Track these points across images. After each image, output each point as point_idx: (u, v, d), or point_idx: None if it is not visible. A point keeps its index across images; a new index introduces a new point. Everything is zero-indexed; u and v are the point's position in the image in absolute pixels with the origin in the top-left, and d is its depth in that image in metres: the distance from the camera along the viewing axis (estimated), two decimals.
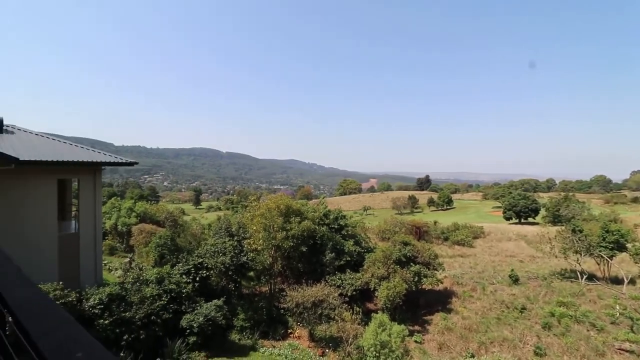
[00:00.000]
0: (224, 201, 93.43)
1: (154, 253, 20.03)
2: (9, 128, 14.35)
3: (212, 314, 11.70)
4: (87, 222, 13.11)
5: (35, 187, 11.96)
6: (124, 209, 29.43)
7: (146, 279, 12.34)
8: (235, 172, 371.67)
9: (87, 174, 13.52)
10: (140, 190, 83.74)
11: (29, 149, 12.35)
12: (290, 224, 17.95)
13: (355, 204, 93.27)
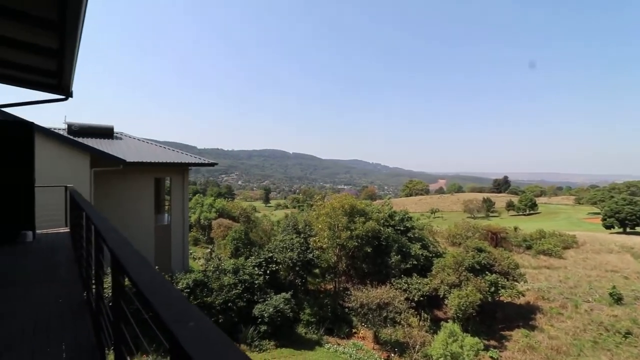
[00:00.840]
0: (290, 200, 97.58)
1: (230, 245, 21.92)
2: (118, 135, 17.11)
3: (280, 306, 12.38)
4: (177, 215, 14.96)
5: (137, 184, 14.07)
6: (205, 204, 32.86)
7: (224, 268, 13.60)
8: (301, 172, 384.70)
9: (177, 173, 15.41)
10: (219, 188, 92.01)
11: (133, 152, 14.58)
12: (355, 224, 17.98)
13: (421, 206, 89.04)
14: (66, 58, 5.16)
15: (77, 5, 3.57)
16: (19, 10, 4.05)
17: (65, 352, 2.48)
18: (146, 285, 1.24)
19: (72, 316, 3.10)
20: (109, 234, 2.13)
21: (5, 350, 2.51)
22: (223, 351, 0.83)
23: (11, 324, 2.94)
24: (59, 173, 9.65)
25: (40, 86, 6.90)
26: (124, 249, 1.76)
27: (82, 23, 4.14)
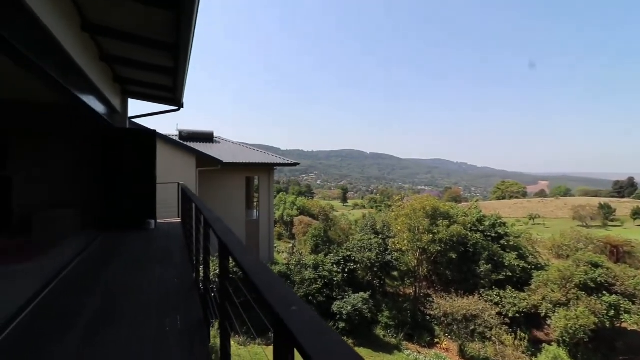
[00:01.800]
0: (368, 200, 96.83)
1: (310, 242, 22.85)
2: (217, 139, 19.36)
3: (359, 305, 12.40)
4: (264, 211, 16.23)
5: (231, 182, 15.71)
6: (288, 202, 34.99)
7: (305, 263, 14.26)
8: (379, 172, 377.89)
9: (265, 173, 16.71)
10: (299, 187, 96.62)
11: (228, 154, 16.33)
12: (438, 227, 16.90)
13: (517, 211, 78.51)
14: (179, 74, 6.07)
15: (187, 30, 4.17)
16: (147, 37, 4.92)
17: (180, 324, 2.92)
18: (251, 269, 1.38)
19: (185, 294, 3.63)
20: (217, 224, 2.43)
21: (135, 317, 3.08)
22: (324, 333, 0.87)
23: (141, 295, 3.60)
24: (172, 172, 11.40)
25: (160, 99, 8.26)
26: (230, 237, 1.99)
27: (192, 44, 4.82)
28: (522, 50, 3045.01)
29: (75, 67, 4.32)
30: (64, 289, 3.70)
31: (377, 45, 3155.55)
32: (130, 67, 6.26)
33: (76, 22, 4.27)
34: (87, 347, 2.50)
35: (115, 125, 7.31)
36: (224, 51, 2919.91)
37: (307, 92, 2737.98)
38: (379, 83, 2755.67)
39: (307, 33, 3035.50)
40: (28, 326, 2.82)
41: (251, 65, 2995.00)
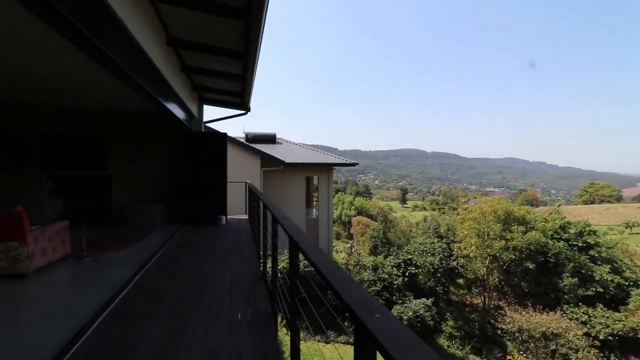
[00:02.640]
0: (429, 201, 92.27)
1: (369, 243, 22.57)
2: (279, 140, 20.19)
3: (420, 311, 11.86)
4: (323, 210, 16.47)
5: (292, 182, 16.24)
6: (346, 202, 35.08)
7: (364, 264, 14.11)
8: (441, 172, 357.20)
9: (324, 172, 16.95)
10: (357, 187, 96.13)
11: (290, 154, 16.91)
12: (512, 233, 15.36)
13: (610, 217, 67.44)
14: (247, 80, 6.45)
15: (255, 38, 4.39)
16: (220, 47, 5.31)
17: (251, 314, 3.08)
18: (326, 269, 1.37)
19: (253, 285, 3.84)
20: (286, 221, 2.51)
21: (211, 302, 3.33)
22: (416, 347, 0.81)
23: (215, 283, 3.90)
24: (240, 172, 12.19)
25: (229, 104, 8.89)
26: (300, 235, 2.03)
27: (259, 51, 5.07)
28: (621, 34, 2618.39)
29: (161, 79, 4.85)
30: (154, 273, 4.19)
31: (449, 33, 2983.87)
32: (205, 76, 6.84)
33: (162, 38, 4.79)
34: (174, 324, 2.79)
35: (193, 129, 8.06)
36: (287, 52, 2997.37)
37: (366, 91, 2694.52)
38: (445, 77, 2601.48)
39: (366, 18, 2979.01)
40: (128, 301, 3.25)
41: (312, 66, 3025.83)
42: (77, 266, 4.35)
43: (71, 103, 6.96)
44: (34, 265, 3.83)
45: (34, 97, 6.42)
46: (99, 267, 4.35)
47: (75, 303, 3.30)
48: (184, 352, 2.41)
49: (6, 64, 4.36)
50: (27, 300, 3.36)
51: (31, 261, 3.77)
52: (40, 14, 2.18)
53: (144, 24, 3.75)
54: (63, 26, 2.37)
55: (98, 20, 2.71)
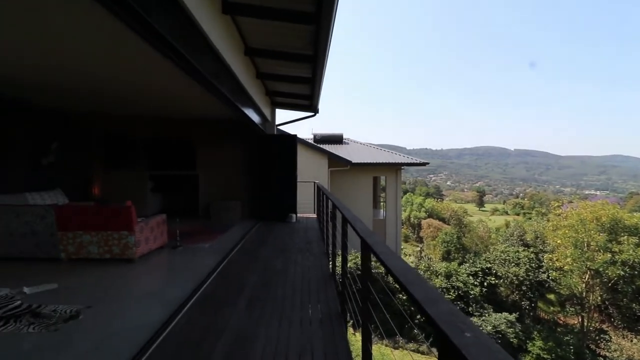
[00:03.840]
0: (511, 205, 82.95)
1: (441, 247, 21.27)
2: (346, 140, 20.28)
3: (502, 327, 10.74)
4: (391, 211, 16.04)
5: (359, 182, 16.16)
6: (415, 203, 33.61)
7: (435, 270, 13.33)
8: (527, 172, 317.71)
9: (391, 172, 16.50)
10: (427, 188, 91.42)
11: (357, 154, 16.86)
12: (620, 245, 12.93)
13: None
14: (316, 83, 6.60)
15: (325, 42, 4.46)
16: (291, 53, 5.53)
17: (321, 312, 3.14)
18: (403, 276, 1.31)
19: (323, 283, 3.91)
20: (357, 223, 2.49)
21: (284, 296, 3.48)
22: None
23: (287, 277, 4.08)
24: (308, 171, 12.58)
25: (299, 107, 9.22)
26: (372, 237, 1.99)
27: (328, 54, 5.14)
28: None
29: (240, 87, 5.26)
30: (234, 264, 4.57)
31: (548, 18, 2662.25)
32: (277, 81, 7.21)
33: (241, 49, 5.18)
34: (251, 313, 3.00)
35: (267, 132, 8.58)
36: (354, 53, 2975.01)
37: (437, 87, 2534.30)
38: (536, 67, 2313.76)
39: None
40: (213, 289, 3.60)
41: (378, 64, 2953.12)
42: (172, 254, 4.98)
43: (167, 113, 8.00)
44: (139, 251, 4.49)
45: (139, 110, 7.54)
46: (189, 256, 4.92)
47: (171, 286, 3.77)
48: (260, 340, 2.57)
49: (123, 85, 5.20)
50: (134, 281, 3.96)
51: (137, 248, 4.44)
52: (148, 39, 2.54)
53: (226, 37, 4.10)
54: (166, 48, 2.72)
55: (190, 39, 3.05)
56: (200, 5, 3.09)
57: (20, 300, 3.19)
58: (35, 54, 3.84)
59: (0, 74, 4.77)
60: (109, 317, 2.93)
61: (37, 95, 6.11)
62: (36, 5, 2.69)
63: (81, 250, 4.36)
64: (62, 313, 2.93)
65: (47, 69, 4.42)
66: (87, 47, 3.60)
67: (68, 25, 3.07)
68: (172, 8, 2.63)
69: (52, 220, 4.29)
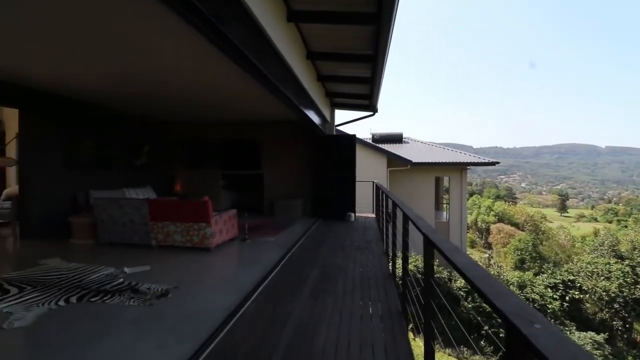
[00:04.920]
0: (601, 210, 71.84)
1: (513, 256, 19.40)
2: (406, 139, 19.68)
3: (587, 347, 9.43)
4: (455, 214, 15.16)
5: (420, 182, 15.57)
6: (483, 206, 31.14)
7: (506, 279, 12.23)
8: (621, 172, 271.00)
9: (456, 172, 15.58)
10: (497, 190, 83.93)
11: (417, 154, 16.26)
12: None
13: None
14: (376, 82, 6.57)
15: (385, 40, 4.44)
16: (350, 54, 5.60)
17: (381, 310, 3.16)
18: (470, 271, 1.30)
19: (383, 282, 3.91)
20: (419, 220, 2.48)
21: (344, 292, 3.57)
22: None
23: (347, 274, 4.16)
24: (367, 171, 12.52)
25: (357, 107, 9.25)
26: (435, 235, 1.98)
27: (388, 53, 5.10)
28: None
29: (303, 90, 5.50)
30: (296, 258, 4.82)
31: None
32: (336, 82, 7.35)
33: (303, 54, 5.41)
34: (314, 305, 3.15)
35: (326, 132, 8.79)
36: (415, 50, 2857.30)
37: (512, 80, 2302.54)
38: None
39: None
40: (278, 280, 3.86)
41: (442, 59, 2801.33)
42: (241, 246, 5.44)
43: (237, 118, 8.69)
44: (215, 242, 4.99)
45: (213, 116, 8.32)
46: (256, 248, 5.32)
47: (241, 275, 4.13)
48: (323, 331, 2.70)
49: (201, 94, 5.82)
50: (211, 268, 4.42)
51: (213, 239, 4.94)
52: (223, 49, 2.85)
53: (289, 43, 4.34)
54: (238, 57, 3.02)
55: (259, 47, 3.32)
56: (268, 15, 3.34)
57: (122, 278, 3.80)
58: (132, 72, 4.53)
59: (109, 92, 5.71)
60: (191, 297, 3.34)
61: (133, 107, 7.15)
62: (131, 30, 3.20)
63: (168, 238, 5.01)
64: (154, 291, 3.42)
65: (141, 84, 5.17)
66: (172, 62, 4.13)
67: (159, 46, 3.58)
68: (244, 19, 2.90)
69: (145, 212, 5.00)
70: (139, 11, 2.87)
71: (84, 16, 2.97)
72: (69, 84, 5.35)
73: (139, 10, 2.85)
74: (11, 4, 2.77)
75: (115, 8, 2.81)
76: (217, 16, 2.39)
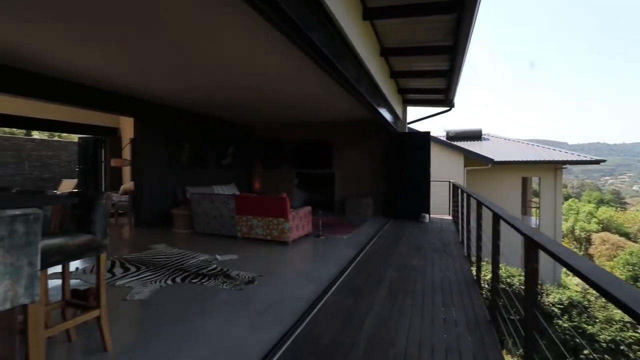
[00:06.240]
0: None
1: (623, 271, 16.32)
2: (486, 136, 18.03)
3: None
4: (547, 220, 13.38)
5: (503, 183, 14.11)
6: (582, 212, 26.82)
7: None
8: None
9: (547, 172, 13.75)
10: (600, 193, 71.59)
11: (500, 151, 14.76)
12: None
13: None
14: (454, 75, 6.17)
15: (467, 29, 4.14)
16: (427, 46, 5.35)
17: (466, 317, 2.96)
18: (599, 277, 1.13)
19: (465, 287, 3.66)
20: (515, 220, 2.25)
21: (424, 294, 3.43)
22: None
23: (425, 276, 3.99)
24: (441, 171, 11.82)
25: (431, 103, 8.79)
26: (541, 235, 1.78)
27: (469, 42, 4.74)
28: None
29: (376, 87, 5.44)
30: (370, 257, 4.80)
31: None
32: (410, 78, 7.09)
33: (377, 51, 5.35)
34: (392, 304, 3.10)
35: (398, 130, 8.55)
36: (499, 38, 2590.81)
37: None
38: None
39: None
40: (353, 277, 3.89)
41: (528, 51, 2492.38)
42: (315, 242, 5.63)
43: (310, 118, 9.02)
44: (292, 236, 5.26)
45: (288, 118, 8.77)
46: (330, 245, 5.45)
47: (318, 269, 4.27)
48: (403, 331, 2.64)
49: (282, 98, 6.20)
50: (289, 260, 4.67)
51: (290, 234, 5.21)
52: (309, 53, 2.99)
53: (365, 41, 4.33)
54: (322, 61, 3.14)
55: (338, 48, 3.39)
56: (346, 15, 3.39)
57: (215, 264, 4.24)
58: (227, 81, 5.04)
59: (204, 100, 6.44)
60: (274, 286, 3.57)
61: (222, 112, 7.95)
62: (231, 45, 3.55)
63: (251, 231, 5.45)
64: (243, 277, 3.75)
65: (232, 92, 5.72)
66: (262, 70, 4.48)
67: (252, 56, 3.92)
68: (326, 22, 2.99)
69: (232, 206, 5.52)
70: (244, 25, 3.21)
71: (194, 39, 3.43)
72: (174, 96, 6.22)
73: (243, 23, 3.18)
74: (150, 37, 3.36)
75: (221, 26, 3.20)
76: (304, 21, 2.52)
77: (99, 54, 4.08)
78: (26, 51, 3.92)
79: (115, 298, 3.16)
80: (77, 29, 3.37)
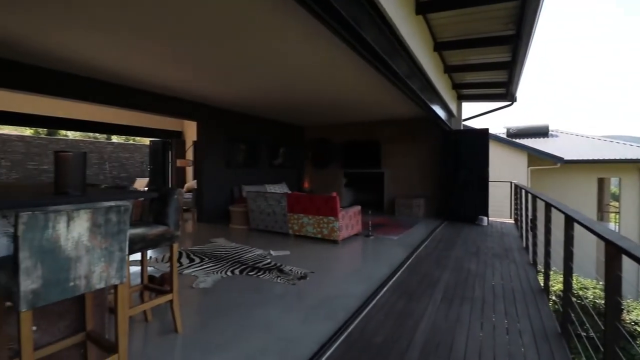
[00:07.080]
0: None
1: None
2: (553, 132, 16.33)
3: None
4: (630, 226, 11.73)
5: (574, 184, 12.66)
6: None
7: None
8: None
9: (630, 172, 12.05)
10: None
11: (570, 149, 13.27)
12: None
13: None
14: (517, 66, 5.70)
15: (533, 15, 3.80)
16: (485, 37, 5.01)
17: (532, 326, 2.73)
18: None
19: (532, 296, 3.38)
20: (594, 224, 2.03)
21: (483, 301, 3.22)
22: None
23: (485, 283, 3.75)
24: (500, 171, 10.98)
25: (490, 97, 8.20)
26: (626, 240, 1.59)
27: (535, 29, 4.35)
28: None
29: (429, 83, 5.25)
30: (423, 259, 4.65)
31: None
32: (466, 72, 6.71)
33: (430, 46, 5.16)
34: (448, 309, 2.98)
35: (452, 127, 8.14)
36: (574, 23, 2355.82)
37: None
38: None
39: None
40: (405, 279, 3.81)
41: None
42: (365, 242, 5.60)
43: (358, 118, 8.98)
44: (342, 235, 5.30)
45: (337, 118, 8.83)
46: (380, 245, 5.39)
47: (369, 269, 4.25)
48: (461, 338, 2.52)
49: (331, 99, 6.29)
50: (339, 259, 4.71)
51: (340, 232, 5.25)
52: (360, 52, 3.00)
53: (417, 36, 4.21)
54: (373, 58, 3.14)
55: (390, 45, 3.35)
56: (398, 11, 3.33)
57: (270, 259, 4.44)
58: (281, 85, 5.26)
59: (261, 103, 6.78)
60: (326, 283, 3.64)
61: (276, 114, 8.29)
62: (288, 50, 3.70)
63: (302, 229, 5.60)
64: (295, 273, 3.88)
65: (286, 94, 5.95)
66: (315, 71, 4.60)
67: (306, 58, 4.04)
68: (377, 19, 2.97)
69: (285, 204, 5.73)
70: (300, 31, 3.35)
71: (256, 46, 3.65)
72: (232, 101, 6.66)
73: (301, 30, 3.32)
74: (216, 45, 3.66)
75: (277, 34, 3.38)
76: (356, 20, 2.54)
77: (173, 66, 4.54)
78: (135, 73, 4.72)
79: (183, 285, 3.48)
80: (160, 48, 3.79)
